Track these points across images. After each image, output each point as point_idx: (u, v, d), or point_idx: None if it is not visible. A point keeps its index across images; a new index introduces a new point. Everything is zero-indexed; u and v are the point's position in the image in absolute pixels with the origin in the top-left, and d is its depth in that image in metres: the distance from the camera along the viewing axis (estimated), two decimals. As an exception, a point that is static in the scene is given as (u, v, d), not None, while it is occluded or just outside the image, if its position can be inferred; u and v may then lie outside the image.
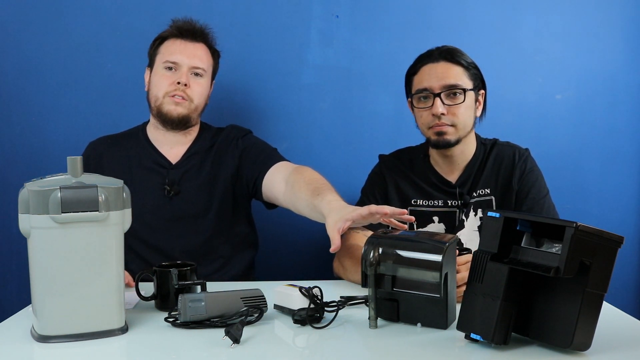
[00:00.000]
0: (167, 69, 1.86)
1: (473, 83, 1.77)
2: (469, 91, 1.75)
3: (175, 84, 1.84)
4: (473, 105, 1.78)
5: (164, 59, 1.86)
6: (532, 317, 1.19)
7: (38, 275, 1.22)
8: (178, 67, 1.86)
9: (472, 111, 1.78)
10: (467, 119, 1.77)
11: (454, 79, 1.74)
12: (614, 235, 1.12)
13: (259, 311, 1.32)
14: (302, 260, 2.19)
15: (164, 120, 1.87)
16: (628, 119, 2.33)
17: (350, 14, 2.26)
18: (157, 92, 1.86)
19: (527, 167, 1.80)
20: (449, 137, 1.75)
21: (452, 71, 1.75)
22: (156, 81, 1.87)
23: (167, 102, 1.85)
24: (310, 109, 2.28)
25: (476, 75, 1.79)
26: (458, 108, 1.74)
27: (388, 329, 1.31)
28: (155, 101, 1.87)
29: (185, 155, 1.91)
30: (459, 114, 1.74)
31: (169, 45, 1.89)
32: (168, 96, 1.84)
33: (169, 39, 1.90)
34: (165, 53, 1.87)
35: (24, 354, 1.21)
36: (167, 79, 1.85)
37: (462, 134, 1.77)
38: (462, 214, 1.80)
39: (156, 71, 1.88)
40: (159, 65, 1.87)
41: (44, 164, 2.19)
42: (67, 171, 1.25)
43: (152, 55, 1.92)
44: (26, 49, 2.21)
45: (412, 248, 1.30)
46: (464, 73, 1.76)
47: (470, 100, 1.76)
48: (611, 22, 2.30)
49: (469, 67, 1.77)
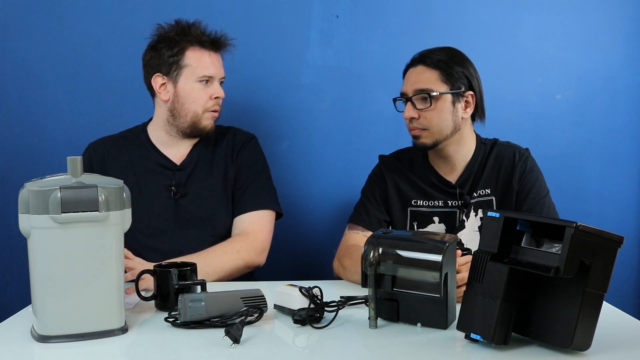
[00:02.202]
0: (202, 82, 1.84)
1: (451, 86, 1.74)
2: (441, 95, 1.73)
3: (213, 98, 1.85)
4: (449, 108, 1.74)
5: (200, 73, 1.83)
6: (532, 317, 1.19)
7: (38, 275, 1.22)
8: (212, 81, 1.85)
9: (449, 114, 1.75)
10: (441, 123, 1.75)
11: (424, 84, 1.74)
12: (614, 235, 1.12)
13: (259, 311, 1.32)
14: (302, 260, 2.19)
15: (197, 132, 1.86)
16: (628, 119, 2.33)
17: (350, 14, 2.26)
18: (196, 107, 1.83)
19: (527, 167, 1.80)
20: (424, 141, 1.77)
21: (425, 75, 1.75)
22: (194, 96, 1.83)
23: (206, 117, 1.85)
24: (310, 109, 2.28)
25: (457, 78, 1.74)
26: (427, 112, 1.74)
27: (388, 329, 1.31)
28: (193, 116, 1.84)
29: (190, 157, 1.91)
30: (430, 119, 1.74)
31: (200, 56, 1.84)
32: (207, 111, 1.85)
33: (193, 48, 1.84)
34: (197, 66, 1.83)
35: (24, 354, 1.21)
36: (205, 94, 1.84)
37: (438, 137, 1.76)
38: (462, 214, 1.80)
39: (188, 85, 1.83)
40: (192, 78, 1.83)
41: (44, 164, 2.19)
42: (67, 171, 1.25)
43: (171, 63, 1.83)
44: (26, 49, 2.21)
45: (412, 248, 1.30)
46: (438, 77, 1.74)
47: (443, 104, 1.74)
48: (611, 22, 2.30)
49: (446, 70, 1.74)
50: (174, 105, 1.85)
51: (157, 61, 1.85)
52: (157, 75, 1.85)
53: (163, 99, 1.86)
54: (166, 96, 1.85)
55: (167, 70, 1.84)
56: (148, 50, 1.89)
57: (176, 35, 1.84)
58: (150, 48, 1.88)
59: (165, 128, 1.89)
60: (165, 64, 1.84)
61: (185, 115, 1.85)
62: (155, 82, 1.86)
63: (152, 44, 1.88)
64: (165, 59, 1.84)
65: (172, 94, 1.85)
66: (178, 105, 1.85)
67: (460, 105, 1.76)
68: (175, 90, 1.84)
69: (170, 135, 1.90)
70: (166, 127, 1.89)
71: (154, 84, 1.86)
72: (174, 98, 1.85)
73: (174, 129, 1.88)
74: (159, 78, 1.85)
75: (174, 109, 1.85)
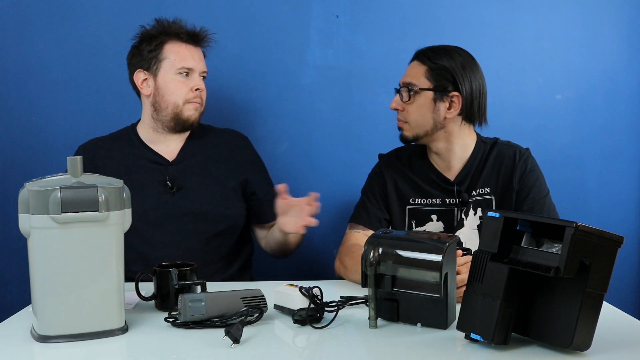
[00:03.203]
0: (181, 75, 1.86)
1: (434, 84, 1.75)
2: (421, 90, 1.75)
3: (194, 90, 1.87)
4: (428, 105, 1.75)
5: (179, 65, 1.85)
6: (532, 317, 1.19)
7: (38, 275, 1.22)
8: (191, 73, 1.87)
9: (428, 111, 1.75)
10: (420, 119, 1.76)
11: (409, 78, 1.78)
12: (614, 235, 1.12)
13: (259, 311, 1.32)
14: (302, 260, 2.19)
15: (181, 125, 1.88)
16: (628, 118, 2.33)
17: (350, 14, 2.26)
18: (177, 99, 1.86)
19: (527, 167, 1.80)
20: (405, 134, 1.81)
21: (413, 70, 1.78)
22: (173, 87, 1.86)
23: (187, 108, 1.87)
24: (310, 109, 2.28)
25: (442, 76, 1.74)
26: (408, 105, 1.77)
27: (388, 329, 1.31)
28: (174, 107, 1.86)
29: (182, 152, 1.92)
30: (409, 112, 1.77)
31: (178, 49, 1.87)
32: (188, 103, 1.87)
33: (172, 42, 1.87)
34: (176, 59, 1.85)
35: (24, 354, 1.21)
36: (184, 85, 1.86)
37: (418, 132, 1.78)
38: (461, 213, 1.80)
39: (168, 77, 1.86)
40: (171, 70, 1.85)
41: (44, 164, 2.19)
42: (67, 171, 1.25)
43: (150, 58, 1.87)
44: (26, 49, 2.21)
45: (412, 248, 1.30)
46: (425, 73, 1.75)
47: (423, 100, 1.75)
48: (611, 22, 2.30)
49: (432, 67, 1.75)
50: (155, 99, 1.88)
51: (137, 58, 1.90)
52: (139, 71, 1.89)
53: (145, 94, 1.89)
54: (148, 91, 1.89)
55: (148, 65, 1.88)
56: (130, 51, 1.93)
57: (155, 32, 1.89)
58: (132, 48, 1.93)
59: (152, 125, 1.91)
60: (146, 60, 1.88)
61: (166, 107, 1.87)
62: (137, 78, 1.89)
63: (134, 44, 1.92)
64: (145, 55, 1.88)
65: (153, 87, 1.88)
66: (159, 97, 1.87)
67: (443, 104, 1.75)
68: (155, 83, 1.87)
69: (157, 132, 1.91)
70: (152, 124, 1.91)
71: (137, 80, 1.90)
72: (154, 91, 1.88)
73: (159, 125, 1.90)
74: (140, 74, 1.89)
75: (156, 102, 1.88)
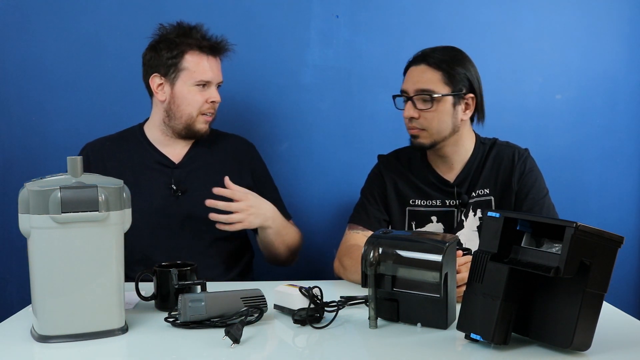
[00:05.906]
0: (198, 86, 1.85)
1: (452, 88, 1.73)
2: (443, 97, 1.72)
3: (209, 102, 1.87)
4: (449, 110, 1.74)
5: (199, 78, 1.84)
6: (532, 317, 1.19)
7: (38, 275, 1.22)
8: (209, 85, 1.87)
9: (448, 116, 1.74)
10: (441, 125, 1.74)
11: (426, 84, 1.73)
12: (614, 235, 1.12)
13: (259, 311, 1.32)
14: (302, 260, 2.18)
15: (192, 134, 1.89)
16: (628, 118, 2.33)
17: (350, 14, 2.26)
18: (191, 110, 1.85)
19: (526, 167, 1.80)
20: (422, 141, 1.77)
21: (427, 75, 1.73)
22: (190, 99, 1.85)
23: (200, 120, 1.87)
24: (310, 109, 2.28)
25: (459, 80, 1.74)
26: (428, 113, 1.73)
27: (388, 329, 1.31)
28: (188, 118, 1.86)
29: (188, 155, 1.92)
30: (430, 119, 1.73)
31: (198, 61, 1.85)
32: (202, 114, 1.87)
33: (192, 52, 1.84)
34: (195, 70, 1.84)
35: (24, 354, 1.21)
36: (201, 97, 1.86)
37: (437, 138, 1.76)
38: (461, 214, 1.80)
39: (185, 88, 1.84)
40: (189, 81, 1.84)
41: (44, 164, 2.19)
42: (67, 171, 1.25)
43: (170, 65, 1.84)
44: (26, 49, 2.21)
45: (412, 248, 1.30)
46: (441, 78, 1.73)
47: (443, 106, 1.73)
48: (611, 22, 2.30)
49: (449, 72, 1.73)
50: (169, 107, 1.87)
51: (156, 62, 1.86)
52: (155, 76, 1.86)
53: (160, 99, 1.88)
54: (163, 97, 1.87)
55: (166, 71, 1.85)
56: (148, 50, 1.89)
57: (177, 37, 1.85)
58: (151, 48, 1.89)
59: (161, 128, 1.91)
60: (164, 66, 1.85)
61: (180, 117, 1.86)
62: (153, 82, 1.87)
63: (153, 43, 1.89)
64: (164, 61, 1.85)
65: (168, 95, 1.86)
66: (174, 106, 1.86)
67: (460, 107, 1.75)
68: (172, 91, 1.86)
69: (166, 135, 1.91)
70: (162, 127, 1.91)
71: (152, 84, 1.87)
72: (170, 99, 1.86)
73: (169, 130, 1.90)
74: (156, 78, 1.87)
75: (170, 110, 1.87)
